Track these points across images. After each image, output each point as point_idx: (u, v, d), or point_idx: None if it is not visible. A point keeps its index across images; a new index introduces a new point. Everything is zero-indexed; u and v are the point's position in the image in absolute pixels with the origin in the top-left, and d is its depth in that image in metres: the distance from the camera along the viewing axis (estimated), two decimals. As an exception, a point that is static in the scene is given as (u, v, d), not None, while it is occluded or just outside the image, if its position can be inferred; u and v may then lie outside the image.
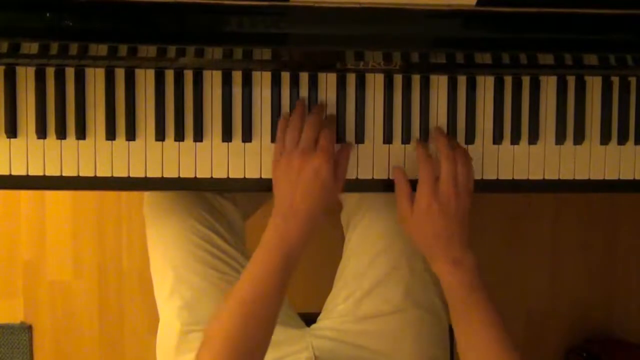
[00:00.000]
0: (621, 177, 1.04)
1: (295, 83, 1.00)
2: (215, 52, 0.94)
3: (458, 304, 0.94)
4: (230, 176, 1.00)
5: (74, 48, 0.90)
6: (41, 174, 0.98)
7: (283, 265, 0.92)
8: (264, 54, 0.95)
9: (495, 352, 0.91)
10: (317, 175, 0.93)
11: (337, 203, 1.19)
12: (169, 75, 0.98)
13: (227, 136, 0.99)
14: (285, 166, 0.94)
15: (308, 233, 0.94)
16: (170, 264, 1.11)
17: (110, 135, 0.98)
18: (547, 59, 0.97)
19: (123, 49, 0.92)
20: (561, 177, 1.03)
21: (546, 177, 1.03)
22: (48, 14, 0.83)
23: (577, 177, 1.03)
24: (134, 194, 1.84)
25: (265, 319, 0.92)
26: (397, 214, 1.00)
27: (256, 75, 0.99)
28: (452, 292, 0.95)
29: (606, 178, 1.03)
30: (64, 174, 0.98)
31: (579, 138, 1.02)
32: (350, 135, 1.01)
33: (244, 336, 0.89)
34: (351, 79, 1.00)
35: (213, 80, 0.99)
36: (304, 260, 0.95)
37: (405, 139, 1.01)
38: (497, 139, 1.02)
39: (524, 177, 1.03)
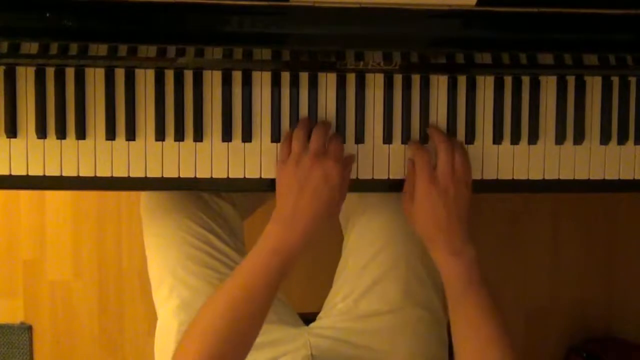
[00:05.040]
0: (621, 177, 1.04)
1: (295, 83, 1.00)
2: (215, 52, 0.94)
3: (455, 295, 0.94)
4: (230, 176, 1.00)
5: (74, 48, 0.90)
6: (41, 174, 0.98)
7: (277, 270, 0.92)
8: (264, 54, 0.95)
9: (491, 348, 0.91)
10: (327, 179, 0.93)
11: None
12: (169, 75, 0.98)
13: (227, 136, 0.99)
14: (294, 168, 0.94)
15: (307, 241, 0.94)
16: (168, 265, 1.11)
17: (110, 135, 0.98)
18: (547, 59, 0.97)
19: (123, 49, 0.92)
20: (561, 177, 1.03)
21: (546, 177, 1.03)
22: (48, 14, 0.83)
23: (577, 177, 1.03)
24: (134, 194, 1.84)
25: (253, 317, 0.92)
26: (402, 204, 1.00)
27: (256, 75, 0.99)
28: (450, 283, 0.95)
29: (606, 178, 1.03)
30: (64, 174, 0.98)
31: (578, 138, 1.02)
32: (350, 135, 1.01)
33: (230, 332, 0.89)
34: (351, 79, 1.00)
35: (213, 80, 0.99)
36: (303, 260, 0.95)
37: (405, 139, 1.01)
38: (497, 139, 1.02)
39: (524, 177, 1.03)
